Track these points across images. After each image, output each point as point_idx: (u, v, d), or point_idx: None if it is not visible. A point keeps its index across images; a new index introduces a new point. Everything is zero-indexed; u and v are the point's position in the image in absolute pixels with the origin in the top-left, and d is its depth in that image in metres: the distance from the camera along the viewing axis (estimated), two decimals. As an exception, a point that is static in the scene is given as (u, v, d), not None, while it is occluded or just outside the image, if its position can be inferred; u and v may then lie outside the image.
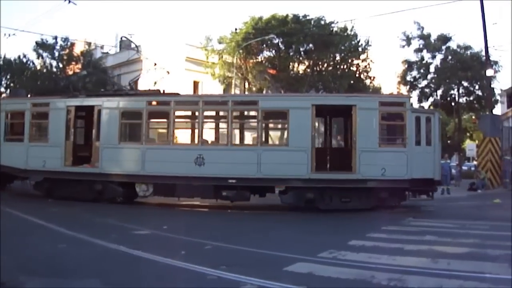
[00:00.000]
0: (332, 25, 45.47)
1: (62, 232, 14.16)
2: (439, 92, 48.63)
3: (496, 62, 45.43)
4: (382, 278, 9.08)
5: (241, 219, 19.70)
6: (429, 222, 17.44)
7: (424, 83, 50.01)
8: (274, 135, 23.51)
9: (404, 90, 51.02)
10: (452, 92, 49.02)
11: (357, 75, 47.56)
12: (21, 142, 23.74)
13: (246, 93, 43.97)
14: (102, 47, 56.15)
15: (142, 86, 42.64)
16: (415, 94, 49.27)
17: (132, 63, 47.72)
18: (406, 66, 50.05)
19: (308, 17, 44.29)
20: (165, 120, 23.08)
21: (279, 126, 23.52)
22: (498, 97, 50.04)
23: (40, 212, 18.23)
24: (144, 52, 45.97)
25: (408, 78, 50.28)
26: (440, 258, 10.95)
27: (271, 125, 24.11)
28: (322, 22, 44.59)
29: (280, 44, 44.68)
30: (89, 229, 14.40)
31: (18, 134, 24.14)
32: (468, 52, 47.96)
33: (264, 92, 43.76)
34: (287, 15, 43.46)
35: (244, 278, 8.90)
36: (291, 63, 45.56)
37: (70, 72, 47.72)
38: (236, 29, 44.00)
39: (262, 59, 46.26)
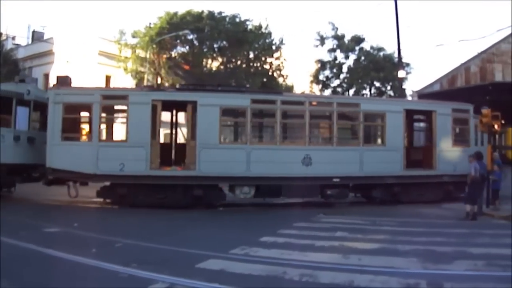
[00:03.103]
0: (247, 22, 45.74)
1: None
2: (351, 91, 49.46)
3: (408, 64, 47.03)
4: (294, 274, 9.20)
5: (153, 217, 19.43)
6: (339, 219, 17.78)
7: (336, 82, 50.82)
8: (372, 136, 24.40)
9: (316, 89, 51.64)
10: (364, 92, 49.99)
11: (270, 73, 47.83)
12: (88, 142, 20.66)
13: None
14: (13, 38, 53.96)
15: (54, 79, 41.65)
16: (327, 93, 49.87)
17: (44, 56, 46.53)
18: (319, 65, 50.66)
19: (223, 14, 44.33)
20: (270, 119, 22.71)
21: (377, 127, 23.95)
22: (409, 98, 51.42)
23: None
24: (56, 45, 44.87)
25: (321, 77, 50.92)
26: (351, 254, 11.23)
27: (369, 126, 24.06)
28: (237, 20, 44.73)
29: (194, 40, 44.48)
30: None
31: (81, 132, 21.65)
32: (381, 54, 49.19)
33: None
34: (202, 11, 43.33)
35: (155, 276, 8.82)
36: (204, 60, 45.38)
37: (-21, 64, 45.76)
38: (150, 24, 43.43)
39: (176, 54, 45.91)
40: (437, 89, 38.31)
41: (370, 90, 49.91)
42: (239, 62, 46.28)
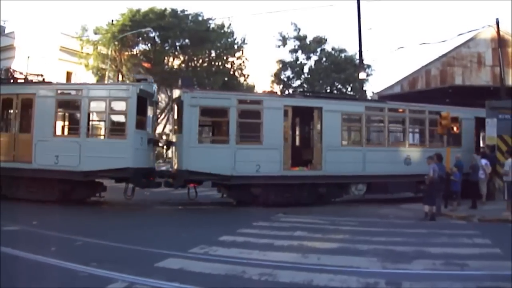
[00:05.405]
0: (210, 21, 45.62)
1: None
2: (312, 92, 49.61)
3: (369, 66, 47.51)
4: (253, 273, 9.22)
5: (113, 215, 19.28)
6: (299, 218, 17.82)
7: (297, 82, 50.99)
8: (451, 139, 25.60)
9: (277, 89, 51.70)
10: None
11: (231, 73, 47.84)
12: (225, 144, 20.86)
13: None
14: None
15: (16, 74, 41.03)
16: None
17: (5, 50, 45.79)
18: (281, 65, 50.74)
19: (186, 12, 44.09)
20: (379, 124, 24.92)
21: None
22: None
23: None
24: (18, 39, 44.03)
25: (282, 77, 51.01)
26: (310, 253, 11.29)
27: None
28: (200, 18, 44.55)
29: (156, 37, 44.19)
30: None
31: (218, 135, 22.27)
32: (342, 55, 49.51)
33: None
34: (165, 9, 43.03)
35: (115, 275, 8.75)
36: (166, 58, 45.16)
37: None
38: (112, 21, 42.99)
39: (137, 52, 45.57)
40: (397, 91, 38.62)
41: (330, 91, 50.14)
42: (200, 61, 46.19)
